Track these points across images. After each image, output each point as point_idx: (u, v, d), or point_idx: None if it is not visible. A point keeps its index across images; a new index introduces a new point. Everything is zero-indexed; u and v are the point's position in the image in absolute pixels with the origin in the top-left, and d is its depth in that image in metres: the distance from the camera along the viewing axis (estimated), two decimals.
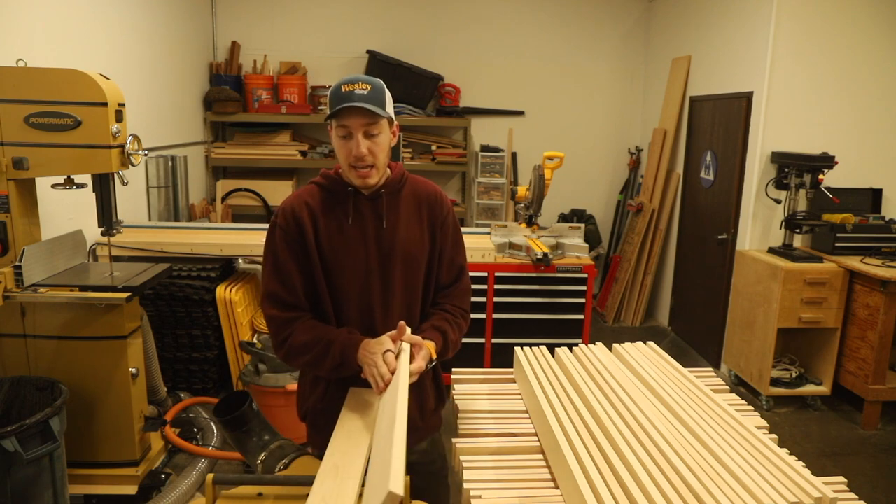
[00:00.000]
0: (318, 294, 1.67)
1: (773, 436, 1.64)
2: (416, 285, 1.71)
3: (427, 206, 1.73)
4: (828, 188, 3.90)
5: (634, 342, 2.20)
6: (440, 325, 1.70)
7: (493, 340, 3.87)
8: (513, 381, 2.09)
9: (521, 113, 5.84)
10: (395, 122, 1.67)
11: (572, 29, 5.75)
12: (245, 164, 5.37)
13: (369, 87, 1.55)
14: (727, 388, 2.00)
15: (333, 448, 1.40)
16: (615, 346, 2.16)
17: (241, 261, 3.88)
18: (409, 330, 1.59)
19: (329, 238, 1.64)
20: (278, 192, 5.29)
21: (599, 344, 2.16)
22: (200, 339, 3.72)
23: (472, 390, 2.00)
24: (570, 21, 5.74)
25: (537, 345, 2.17)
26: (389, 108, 1.61)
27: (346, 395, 1.62)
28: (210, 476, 1.35)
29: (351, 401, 1.59)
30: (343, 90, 1.54)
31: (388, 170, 1.71)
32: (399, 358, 1.51)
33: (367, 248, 1.65)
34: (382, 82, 1.60)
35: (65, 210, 3.20)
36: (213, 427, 3.34)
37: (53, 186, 2.63)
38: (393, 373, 1.47)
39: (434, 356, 1.61)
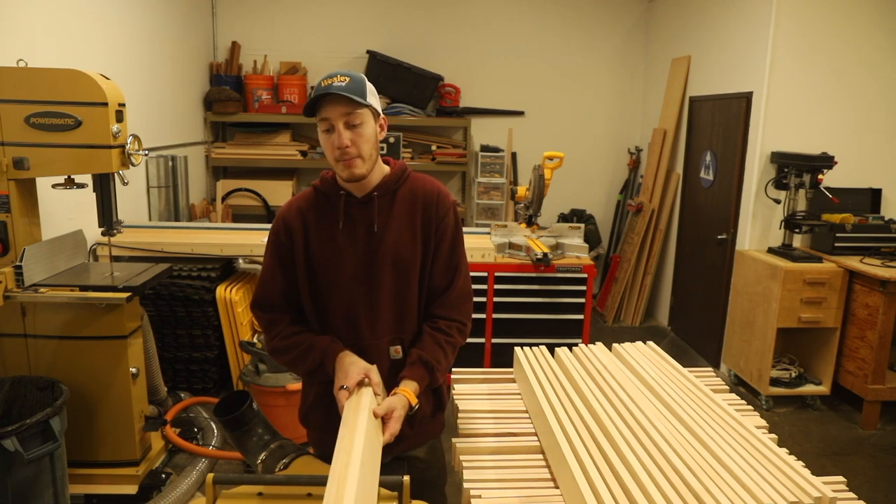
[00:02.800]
0: (302, 302, 1.68)
1: (773, 435, 1.64)
2: (409, 292, 1.65)
3: (423, 205, 1.65)
4: (827, 188, 3.90)
5: (634, 342, 2.20)
6: (428, 357, 1.61)
7: (493, 340, 3.87)
8: (513, 381, 2.09)
9: (521, 113, 5.84)
10: (382, 116, 1.63)
11: (572, 29, 5.76)
12: (245, 164, 5.38)
13: (347, 80, 1.53)
14: (727, 387, 2.01)
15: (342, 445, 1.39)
16: (615, 345, 2.16)
17: (241, 261, 3.88)
18: (377, 376, 1.56)
19: (320, 244, 1.63)
20: (278, 192, 5.29)
21: (599, 344, 2.16)
22: (200, 339, 3.72)
23: (472, 390, 2.00)
24: (570, 21, 5.74)
25: (537, 345, 2.17)
26: (372, 99, 1.57)
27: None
28: (210, 476, 1.35)
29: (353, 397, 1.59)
30: (322, 84, 1.53)
31: (385, 167, 1.67)
32: (360, 401, 1.48)
33: (356, 254, 1.62)
34: (363, 76, 1.58)
35: (65, 210, 3.20)
36: (214, 427, 3.34)
37: (54, 186, 2.64)
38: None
39: (414, 403, 1.55)
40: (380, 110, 1.62)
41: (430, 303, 1.69)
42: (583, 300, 3.84)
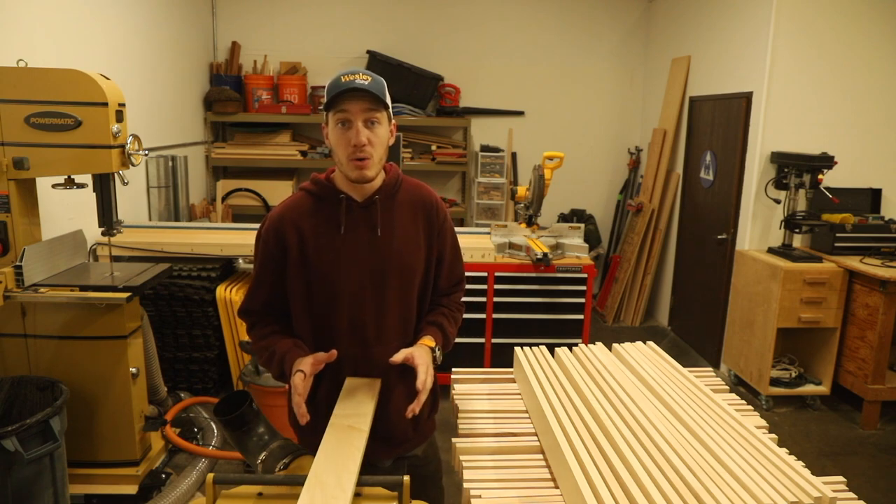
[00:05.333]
0: (297, 310, 1.64)
1: (773, 435, 1.64)
2: (412, 295, 1.66)
3: (424, 211, 1.66)
4: (827, 188, 3.90)
5: (634, 342, 2.20)
6: (436, 319, 1.70)
7: (493, 340, 3.87)
8: (513, 381, 2.09)
9: (521, 113, 5.84)
10: (394, 122, 1.62)
11: (572, 29, 5.76)
12: (245, 164, 5.38)
13: (370, 79, 1.50)
14: (727, 387, 2.01)
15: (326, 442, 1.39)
16: (615, 346, 2.16)
17: (241, 261, 3.88)
18: (308, 366, 1.54)
19: (318, 252, 1.59)
20: (278, 192, 5.29)
21: (599, 344, 2.16)
22: (200, 339, 3.72)
23: (471, 390, 2.00)
24: (570, 21, 5.74)
25: (537, 345, 2.17)
26: (389, 103, 1.57)
27: (343, 385, 1.60)
28: (210, 476, 1.35)
29: (348, 388, 1.59)
30: (343, 80, 1.49)
31: (383, 172, 1.65)
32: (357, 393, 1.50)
33: (360, 260, 1.59)
34: (382, 79, 1.56)
35: (65, 210, 3.20)
36: (214, 427, 3.34)
37: (54, 186, 2.64)
38: (303, 395, 1.46)
39: (433, 345, 1.61)
40: (392, 116, 1.61)
41: (431, 298, 1.76)
42: (583, 300, 3.84)
